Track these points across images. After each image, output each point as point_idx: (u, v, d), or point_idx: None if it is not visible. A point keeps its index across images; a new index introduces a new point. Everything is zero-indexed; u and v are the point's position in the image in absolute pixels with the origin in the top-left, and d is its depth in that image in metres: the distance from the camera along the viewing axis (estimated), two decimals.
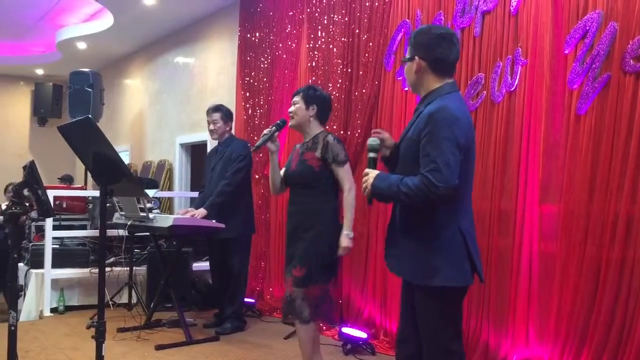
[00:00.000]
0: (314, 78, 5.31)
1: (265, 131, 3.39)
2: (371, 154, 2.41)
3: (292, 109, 3.46)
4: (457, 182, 2.18)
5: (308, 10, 5.48)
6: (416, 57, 2.37)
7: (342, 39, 5.02)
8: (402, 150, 2.39)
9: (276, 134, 3.38)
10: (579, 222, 3.27)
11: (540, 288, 3.48)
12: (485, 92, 3.84)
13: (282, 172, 3.52)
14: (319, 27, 5.31)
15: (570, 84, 3.35)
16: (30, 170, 2.85)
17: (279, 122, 3.48)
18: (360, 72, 4.83)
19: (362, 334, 4.24)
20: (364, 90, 4.78)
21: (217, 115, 4.85)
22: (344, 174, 3.33)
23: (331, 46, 5.16)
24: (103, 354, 2.56)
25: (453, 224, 2.29)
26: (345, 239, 3.25)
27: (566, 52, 3.39)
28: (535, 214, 3.53)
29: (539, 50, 3.54)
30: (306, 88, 3.52)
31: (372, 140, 2.44)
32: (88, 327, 2.60)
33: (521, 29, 3.65)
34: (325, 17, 5.24)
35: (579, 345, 3.23)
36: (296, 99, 3.46)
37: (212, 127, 4.87)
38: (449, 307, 2.32)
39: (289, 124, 3.47)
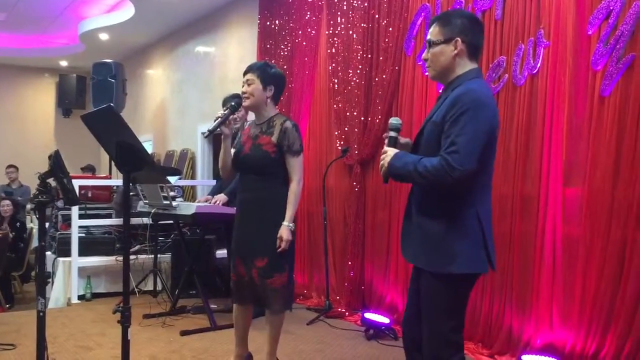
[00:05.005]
0: (333, 64, 5.29)
1: (218, 114, 3.17)
2: (392, 133, 2.35)
3: (247, 89, 3.14)
4: (475, 167, 2.09)
5: None
6: (458, 39, 2.25)
7: (362, 25, 4.99)
8: (425, 135, 2.30)
9: (231, 117, 3.17)
10: (603, 205, 3.23)
11: (564, 272, 3.45)
12: (507, 75, 3.80)
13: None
14: (339, 13, 5.28)
15: (594, 65, 3.30)
16: (56, 159, 2.89)
17: (233, 104, 3.21)
18: (381, 58, 4.80)
19: (385, 319, 4.26)
20: (384, 76, 4.75)
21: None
22: (296, 164, 3.10)
23: (351, 32, 5.13)
24: (129, 338, 2.61)
25: (472, 211, 2.20)
26: (285, 231, 3.06)
27: (589, 32, 3.33)
28: (558, 197, 3.49)
29: (562, 32, 3.48)
30: (263, 65, 3.19)
31: (394, 120, 2.39)
32: (114, 312, 2.64)
33: (543, 10, 3.59)
34: (345, 3, 5.22)
35: (603, 329, 3.21)
36: (251, 76, 3.14)
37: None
38: (457, 297, 2.24)
39: (243, 104, 3.19)
